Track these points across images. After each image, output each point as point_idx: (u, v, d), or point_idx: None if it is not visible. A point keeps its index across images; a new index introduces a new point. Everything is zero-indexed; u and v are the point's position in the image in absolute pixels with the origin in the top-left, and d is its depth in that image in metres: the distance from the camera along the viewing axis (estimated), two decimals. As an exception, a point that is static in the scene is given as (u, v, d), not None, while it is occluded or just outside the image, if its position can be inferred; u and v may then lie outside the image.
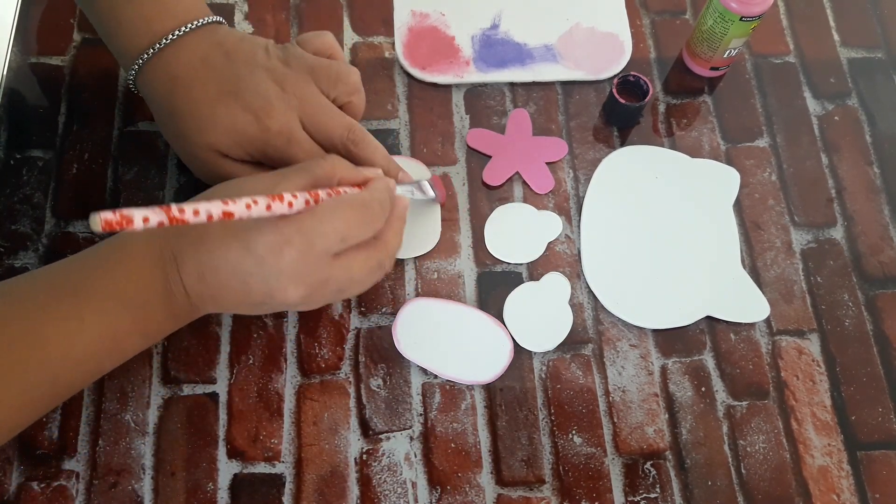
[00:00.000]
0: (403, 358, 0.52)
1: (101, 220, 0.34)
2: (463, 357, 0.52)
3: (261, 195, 0.40)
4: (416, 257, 0.55)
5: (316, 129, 0.48)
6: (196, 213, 0.37)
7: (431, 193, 0.53)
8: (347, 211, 0.42)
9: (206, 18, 0.49)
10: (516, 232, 0.56)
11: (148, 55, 0.48)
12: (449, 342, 0.52)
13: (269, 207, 0.40)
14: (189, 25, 0.48)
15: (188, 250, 0.42)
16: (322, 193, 0.43)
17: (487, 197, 0.57)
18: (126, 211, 0.35)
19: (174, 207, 0.36)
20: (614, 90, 0.58)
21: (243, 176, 0.48)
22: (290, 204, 0.41)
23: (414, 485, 0.49)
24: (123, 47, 0.49)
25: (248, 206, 0.39)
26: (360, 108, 0.51)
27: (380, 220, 0.44)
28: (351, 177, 0.46)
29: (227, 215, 0.38)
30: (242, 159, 0.49)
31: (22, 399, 0.40)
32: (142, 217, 0.35)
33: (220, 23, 0.50)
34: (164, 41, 0.48)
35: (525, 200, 0.57)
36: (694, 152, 0.60)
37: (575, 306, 0.54)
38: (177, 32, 0.48)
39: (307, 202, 0.42)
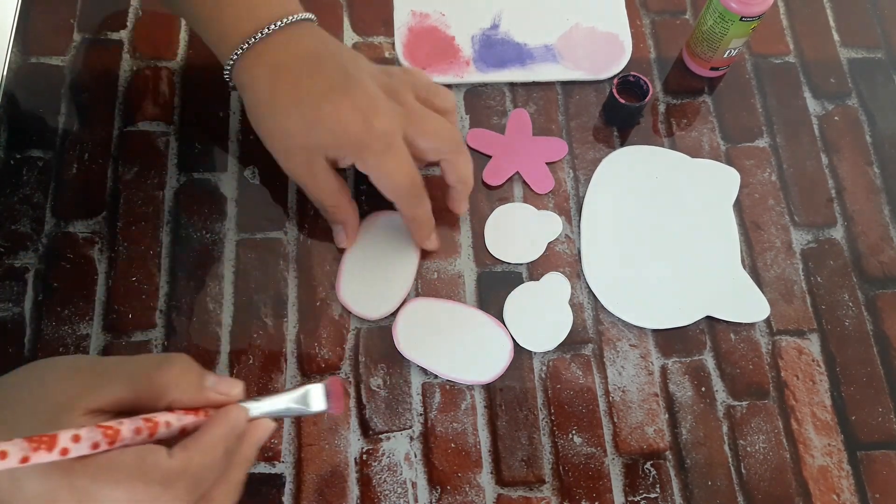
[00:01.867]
0: (403, 358, 0.52)
1: None
2: (463, 357, 0.52)
3: (21, 437, 0.30)
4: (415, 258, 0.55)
5: (420, 133, 0.47)
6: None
7: (320, 406, 0.40)
8: (140, 485, 0.32)
9: (305, 14, 0.48)
10: (517, 232, 0.56)
11: (254, 40, 0.46)
12: (449, 342, 0.52)
13: (24, 460, 0.30)
14: (294, 17, 0.47)
15: None
16: (125, 430, 0.33)
17: (487, 197, 0.57)
18: None
19: None
20: (614, 90, 0.58)
21: (336, 188, 0.49)
22: (65, 451, 0.31)
23: (414, 485, 0.49)
24: (224, 34, 0.47)
25: (3, 455, 0.29)
26: (463, 173, 0.51)
27: (189, 498, 0.34)
28: (188, 400, 0.36)
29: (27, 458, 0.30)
30: (333, 165, 0.48)
31: None
32: None
33: (314, 21, 0.49)
34: (272, 27, 0.46)
35: (525, 200, 0.57)
36: (694, 152, 0.60)
37: (575, 306, 0.54)
38: (285, 20, 0.46)
39: (94, 445, 0.32)
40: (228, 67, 0.48)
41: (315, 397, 0.40)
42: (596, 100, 0.61)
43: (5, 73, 0.58)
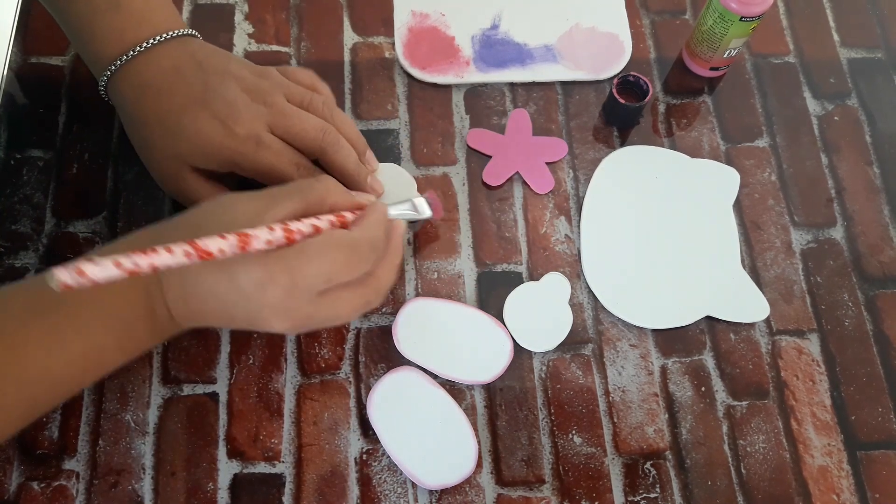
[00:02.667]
0: (403, 358, 0.52)
1: (58, 281, 0.33)
2: (463, 357, 0.52)
3: (233, 237, 0.38)
4: (416, 258, 0.55)
5: (287, 133, 0.48)
6: (153, 267, 0.36)
7: (427, 213, 0.52)
8: (335, 253, 0.41)
9: (180, 31, 0.49)
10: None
11: (120, 62, 0.48)
12: (449, 342, 0.52)
13: (242, 248, 0.39)
14: (162, 36, 0.48)
15: (174, 279, 0.42)
16: (304, 227, 0.41)
17: (487, 197, 0.57)
18: (87, 268, 0.33)
19: (130, 261, 0.35)
20: (614, 90, 0.58)
21: (207, 195, 0.48)
22: (269, 242, 0.40)
23: (414, 485, 0.49)
24: (96, 56, 0.49)
25: (222, 251, 0.38)
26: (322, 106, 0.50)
27: (368, 262, 0.43)
28: (343, 202, 0.45)
29: (203, 255, 0.37)
30: (212, 171, 0.48)
31: None
32: (102, 274, 0.34)
33: (194, 35, 0.50)
34: (138, 49, 0.48)
35: (525, 200, 0.57)
36: (694, 152, 0.60)
37: (575, 306, 0.54)
38: (151, 41, 0.48)
39: (287, 238, 0.40)
40: (102, 87, 0.50)
41: (422, 205, 0.52)
42: (596, 100, 0.61)
43: (5, 73, 0.58)
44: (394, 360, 0.52)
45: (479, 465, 0.49)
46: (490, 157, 0.58)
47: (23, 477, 0.48)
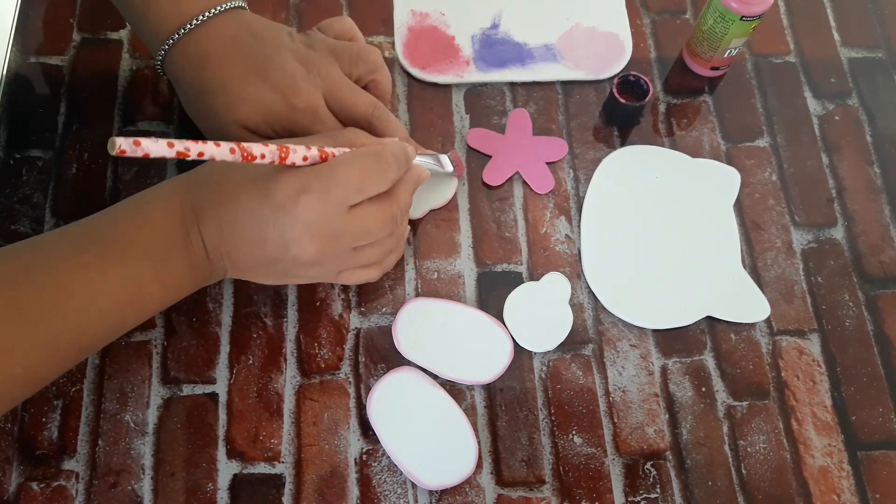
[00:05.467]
0: (403, 358, 0.52)
1: (117, 146, 0.35)
2: (463, 357, 0.52)
3: (274, 146, 0.41)
4: (416, 258, 0.55)
5: (340, 106, 0.50)
6: (200, 154, 0.38)
7: (450, 167, 0.55)
8: (363, 161, 0.44)
9: (232, 3, 0.50)
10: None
11: (179, 34, 0.49)
12: (449, 342, 0.52)
13: (282, 159, 0.41)
14: (217, 8, 0.49)
15: (208, 203, 0.44)
16: (336, 151, 0.44)
17: (487, 197, 0.57)
18: (144, 141, 0.36)
19: (182, 144, 0.37)
20: (614, 90, 0.58)
21: None
22: (305, 157, 0.43)
23: (414, 485, 0.49)
24: (153, 30, 0.50)
25: (263, 156, 0.40)
26: (385, 86, 0.53)
27: (394, 172, 0.45)
28: (371, 143, 0.47)
29: (246, 156, 0.40)
30: (269, 136, 0.50)
31: (47, 349, 0.41)
32: (156, 148, 0.36)
33: (243, 8, 0.52)
34: (196, 21, 0.49)
35: (525, 200, 0.57)
36: (694, 152, 0.59)
37: (575, 306, 0.54)
38: (207, 14, 0.49)
39: (321, 156, 0.43)
40: (159, 61, 0.51)
41: (445, 161, 0.55)
42: (596, 100, 0.61)
43: (5, 73, 0.58)
44: (394, 360, 0.52)
45: (479, 465, 0.49)
46: (490, 156, 0.58)
47: (22, 477, 0.48)
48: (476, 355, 0.52)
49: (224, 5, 0.50)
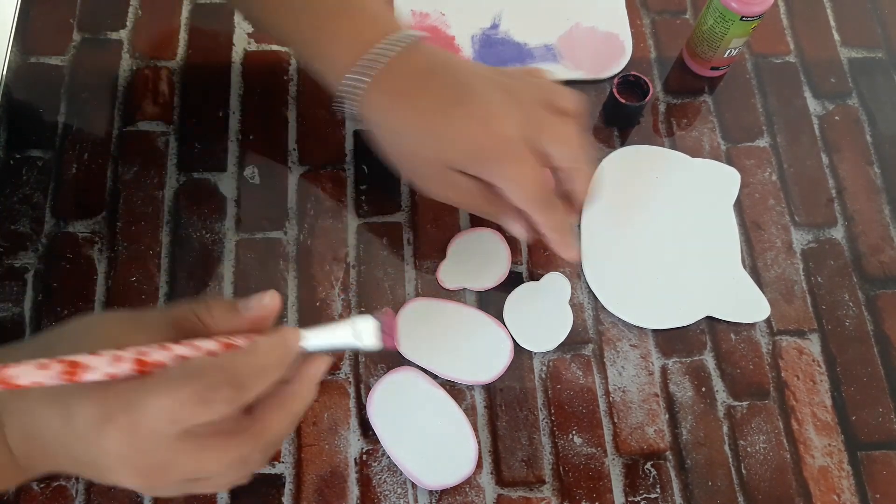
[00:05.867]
0: (403, 358, 0.52)
1: None
2: (463, 357, 0.52)
3: (57, 365, 0.32)
4: (416, 258, 0.55)
5: (540, 147, 0.45)
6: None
7: (371, 342, 0.39)
8: (179, 386, 0.33)
9: (408, 32, 0.47)
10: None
11: (362, 69, 0.45)
12: (449, 342, 0.52)
13: (70, 375, 0.32)
14: (400, 36, 0.46)
15: (12, 405, 0.35)
16: (165, 355, 0.34)
17: (487, 197, 0.57)
18: None
19: None
20: (614, 90, 0.58)
21: (475, 188, 0.46)
22: (110, 375, 0.33)
23: (414, 485, 0.49)
24: (332, 60, 0.46)
25: (36, 384, 0.31)
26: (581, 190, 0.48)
27: (234, 402, 0.34)
28: (226, 325, 0.37)
29: (7, 385, 0.31)
30: (472, 175, 0.46)
31: None
32: None
33: (422, 35, 0.48)
34: (380, 54, 0.45)
35: (525, 200, 0.57)
36: (694, 152, 0.59)
37: (575, 306, 0.54)
38: (392, 44, 0.45)
39: (140, 368, 0.33)
40: (341, 100, 0.47)
41: (365, 334, 0.39)
42: (596, 100, 0.61)
43: (5, 72, 0.58)
44: (394, 360, 0.52)
45: (479, 465, 0.49)
46: (490, 156, 0.58)
47: (22, 477, 0.48)
48: (476, 355, 0.52)
49: (406, 32, 0.46)
